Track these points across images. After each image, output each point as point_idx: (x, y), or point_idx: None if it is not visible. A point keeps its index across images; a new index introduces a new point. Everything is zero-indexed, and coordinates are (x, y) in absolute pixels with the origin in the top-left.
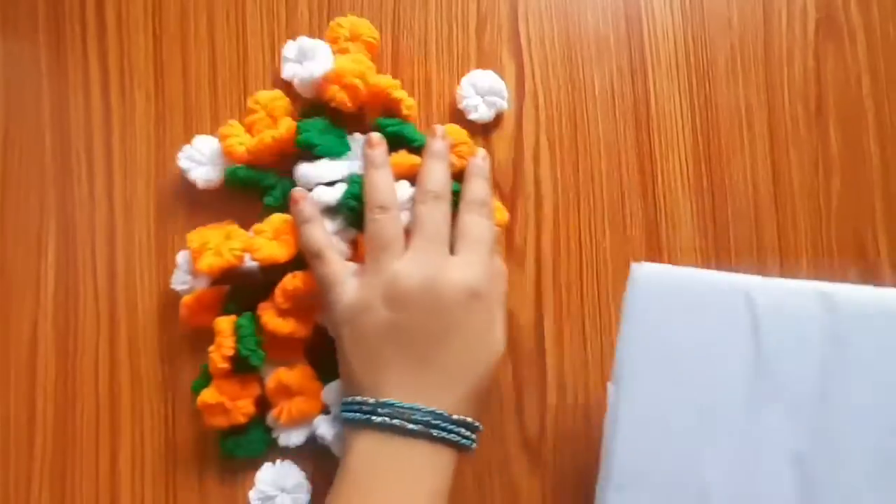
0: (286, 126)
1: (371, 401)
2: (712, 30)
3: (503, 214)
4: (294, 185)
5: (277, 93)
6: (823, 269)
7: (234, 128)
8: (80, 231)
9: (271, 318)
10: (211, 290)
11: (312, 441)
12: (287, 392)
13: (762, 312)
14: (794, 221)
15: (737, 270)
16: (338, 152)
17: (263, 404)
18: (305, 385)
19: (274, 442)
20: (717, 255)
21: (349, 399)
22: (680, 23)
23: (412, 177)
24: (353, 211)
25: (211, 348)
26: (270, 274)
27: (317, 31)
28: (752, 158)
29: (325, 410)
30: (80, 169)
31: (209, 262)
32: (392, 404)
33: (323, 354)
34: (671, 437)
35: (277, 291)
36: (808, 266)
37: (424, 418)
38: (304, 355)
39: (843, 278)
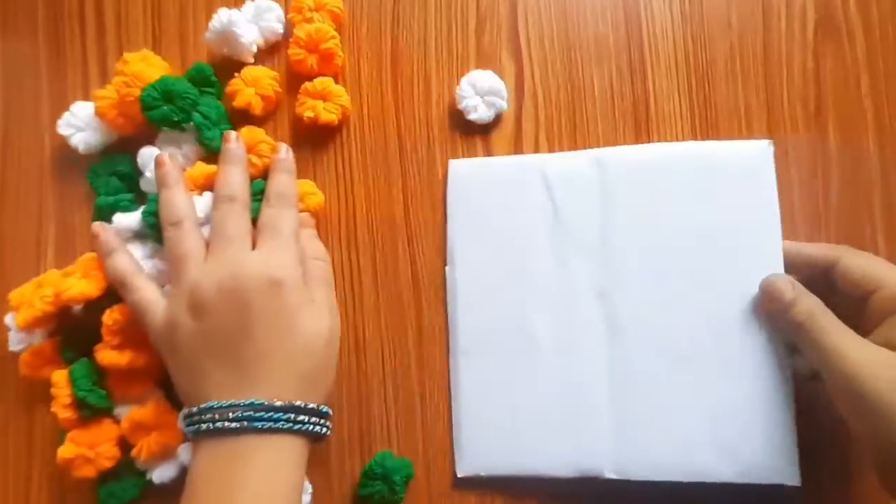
0: (141, 64)
1: (194, 410)
2: (711, 30)
3: (318, 198)
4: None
5: (147, 52)
6: None
7: (109, 91)
8: (79, 232)
9: (106, 354)
10: (46, 342)
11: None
12: (143, 429)
13: (554, 182)
14: (792, 221)
15: None
16: (171, 126)
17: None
18: (161, 418)
19: (150, 483)
20: None
21: (181, 415)
22: (679, 23)
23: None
24: (154, 228)
25: (52, 403)
26: (94, 313)
27: None
28: None
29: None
30: (79, 169)
31: (24, 315)
32: (211, 407)
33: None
34: (500, 300)
35: (103, 330)
36: None
37: (245, 413)
38: (159, 386)
39: None
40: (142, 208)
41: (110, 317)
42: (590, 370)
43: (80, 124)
